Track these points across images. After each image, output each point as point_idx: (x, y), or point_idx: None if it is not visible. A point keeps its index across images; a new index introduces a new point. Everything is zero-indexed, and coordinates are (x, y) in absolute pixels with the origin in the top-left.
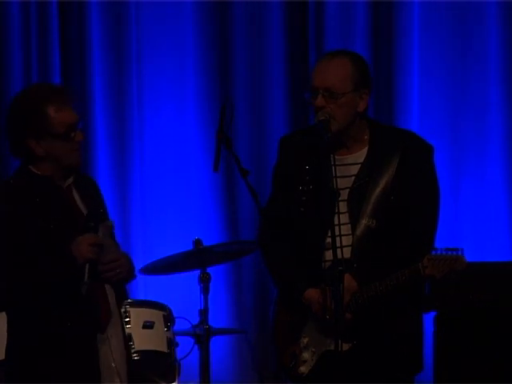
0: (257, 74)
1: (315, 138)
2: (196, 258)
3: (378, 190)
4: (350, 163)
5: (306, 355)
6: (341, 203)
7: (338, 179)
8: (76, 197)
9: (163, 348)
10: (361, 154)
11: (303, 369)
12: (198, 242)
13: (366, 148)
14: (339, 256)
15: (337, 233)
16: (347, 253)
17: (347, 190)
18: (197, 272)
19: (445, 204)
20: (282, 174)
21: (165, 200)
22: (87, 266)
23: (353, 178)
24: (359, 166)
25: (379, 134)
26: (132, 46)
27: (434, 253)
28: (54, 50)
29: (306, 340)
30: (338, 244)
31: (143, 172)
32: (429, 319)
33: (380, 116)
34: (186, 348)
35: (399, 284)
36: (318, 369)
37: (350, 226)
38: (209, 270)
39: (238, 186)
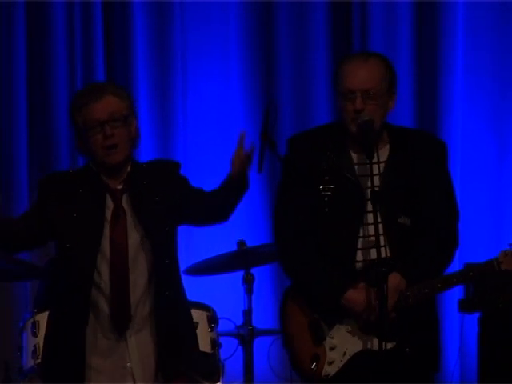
0: (301, 75)
1: (336, 136)
2: (240, 259)
3: (405, 188)
4: (374, 162)
5: (333, 356)
6: (368, 202)
7: (363, 178)
8: (125, 201)
9: (207, 349)
10: (382, 153)
11: (329, 369)
12: (241, 243)
13: (387, 147)
14: (374, 255)
15: (371, 232)
16: (383, 252)
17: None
18: (241, 273)
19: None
20: (296, 173)
21: None
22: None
23: (377, 176)
24: (383, 164)
25: (396, 133)
26: (176, 47)
27: (509, 248)
28: (98, 50)
29: (334, 341)
30: (379, 243)
31: (186, 174)
32: (473, 320)
33: (423, 117)
34: (230, 349)
35: (465, 281)
36: (348, 369)
37: (381, 225)
38: (253, 270)
39: None
